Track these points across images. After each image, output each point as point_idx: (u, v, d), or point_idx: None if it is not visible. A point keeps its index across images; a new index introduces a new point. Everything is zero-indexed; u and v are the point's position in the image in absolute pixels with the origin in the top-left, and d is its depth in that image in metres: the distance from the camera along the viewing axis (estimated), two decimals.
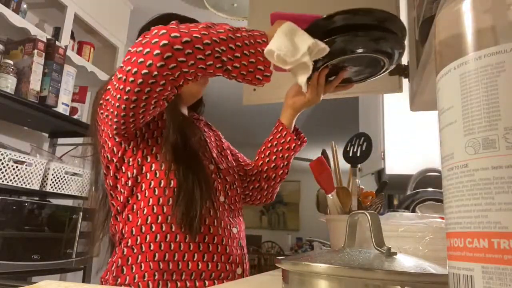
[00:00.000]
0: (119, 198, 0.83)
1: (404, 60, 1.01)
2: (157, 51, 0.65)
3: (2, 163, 1.46)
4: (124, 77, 0.69)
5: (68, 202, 2.03)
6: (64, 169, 1.76)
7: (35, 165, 1.61)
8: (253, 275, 0.85)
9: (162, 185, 0.81)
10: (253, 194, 1.08)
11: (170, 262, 0.77)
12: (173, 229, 0.79)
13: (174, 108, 0.85)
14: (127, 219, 0.81)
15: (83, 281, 1.85)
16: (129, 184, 0.82)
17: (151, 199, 0.80)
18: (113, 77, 0.77)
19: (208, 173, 0.88)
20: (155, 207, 0.80)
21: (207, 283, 0.80)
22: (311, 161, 0.92)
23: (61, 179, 1.75)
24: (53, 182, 1.70)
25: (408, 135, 1.78)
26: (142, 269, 0.77)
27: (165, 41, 0.65)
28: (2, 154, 1.46)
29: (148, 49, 0.66)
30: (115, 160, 0.83)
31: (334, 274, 0.37)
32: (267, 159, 1.03)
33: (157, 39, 0.66)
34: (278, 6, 1.19)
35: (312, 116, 4.35)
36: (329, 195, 0.88)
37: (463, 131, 0.24)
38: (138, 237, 0.79)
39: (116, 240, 0.85)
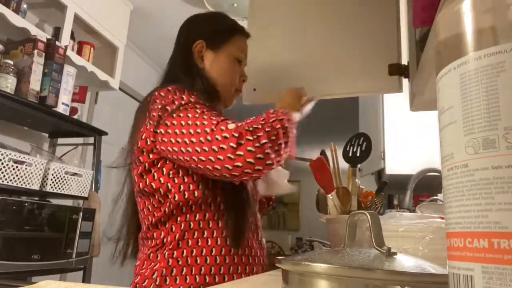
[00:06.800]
0: (162, 209, 0.83)
1: (404, 60, 1.01)
2: (251, 160, 0.73)
3: (2, 163, 1.46)
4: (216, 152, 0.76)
5: (68, 202, 2.03)
6: (64, 169, 1.76)
7: (35, 165, 1.61)
8: (253, 275, 0.85)
9: (208, 201, 0.83)
10: None
11: (216, 275, 0.80)
12: (219, 243, 0.82)
13: None
14: (170, 229, 0.83)
15: (83, 281, 1.85)
16: (176, 198, 0.82)
17: (197, 214, 0.82)
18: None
19: (252, 188, 0.92)
20: (201, 222, 0.82)
21: None
22: (311, 161, 0.92)
23: (61, 179, 1.74)
24: (53, 182, 1.70)
25: (408, 135, 1.78)
26: (187, 281, 0.78)
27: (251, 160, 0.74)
28: (2, 154, 1.46)
29: (241, 157, 0.74)
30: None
31: (334, 274, 0.37)
32: None
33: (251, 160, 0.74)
34: (278, 6, 1.19)
35: (312, 116, 4.34)
36: (329, 195, 0.88)
37: (463, 131, 0.24)
38: (185, 250, 0.80)
39: (149, 245, 0.85)
